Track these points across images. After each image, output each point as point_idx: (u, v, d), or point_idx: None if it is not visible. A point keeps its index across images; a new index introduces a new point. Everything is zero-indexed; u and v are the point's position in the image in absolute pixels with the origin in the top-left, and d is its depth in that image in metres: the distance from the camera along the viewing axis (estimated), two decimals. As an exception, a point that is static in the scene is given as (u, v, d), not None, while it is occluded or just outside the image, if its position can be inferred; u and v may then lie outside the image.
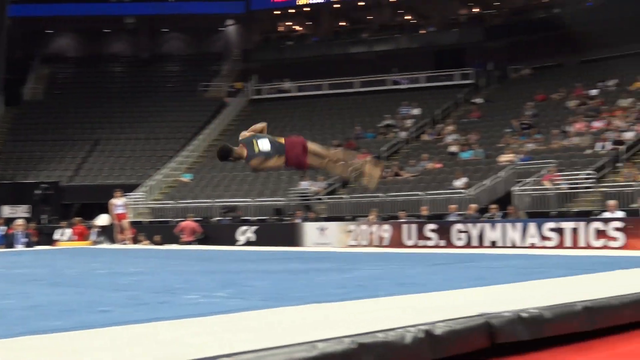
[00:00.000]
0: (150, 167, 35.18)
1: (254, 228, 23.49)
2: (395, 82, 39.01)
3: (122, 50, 46.96)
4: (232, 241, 22.69)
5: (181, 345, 3.01)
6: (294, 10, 46.46)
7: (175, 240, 23.67)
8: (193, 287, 5.96)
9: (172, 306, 4.58)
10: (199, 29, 46.02)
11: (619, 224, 16.79)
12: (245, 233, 23.30)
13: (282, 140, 8.49)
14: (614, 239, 16.46)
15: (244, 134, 8.58)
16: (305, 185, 28.64)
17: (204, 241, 23.66)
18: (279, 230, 23.87)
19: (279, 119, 38.37)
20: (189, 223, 24.51)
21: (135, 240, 22.97)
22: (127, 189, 26.68)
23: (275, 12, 46.76)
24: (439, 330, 3.44)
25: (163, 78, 44.84)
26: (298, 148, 8.41)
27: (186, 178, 33.27)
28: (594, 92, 30.99)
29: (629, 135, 25.11)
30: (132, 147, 37.51)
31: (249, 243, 22.53)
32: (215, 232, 25.05)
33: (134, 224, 23.07)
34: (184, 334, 3.29)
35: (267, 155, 8.24)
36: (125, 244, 21.04)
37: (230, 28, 47.15)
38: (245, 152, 8.29)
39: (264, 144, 8.30)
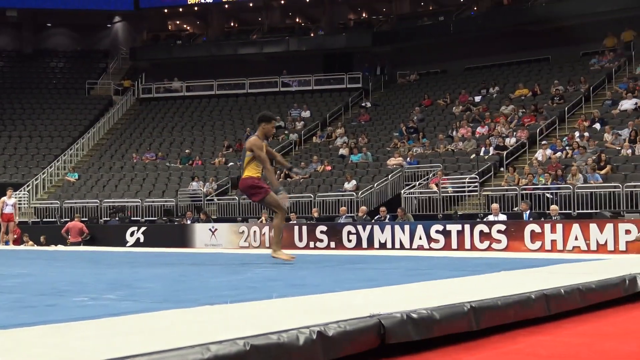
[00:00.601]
0: (35, 166, 34.13)
1: (143, 229, 23.11)
2: (285, 85, 39.15)
3: (4, 45, 45.36)
4: (121, 242, 22.26)
5: (69, 349, 2.92)
6: (183, 9, 45.98)
7: (62, 241, 23.07)
8: (81, 289, 5.80)
9: (59, 309, 4.44)
10: (85, 25, 44.92)
11: (501, 227, 17.33)
12: (134, 234, 22.90)
13: (246, 172, 9.04)
14: (497, 241, 16.98)
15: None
16: (195, 185, 28.38)
17: (92, 242, 23.15)
18: (168, 231, 23.58)
19: (168, 118, 37.99)
20: (75, 223, 23.92)
21: (20, 241, 22.26)
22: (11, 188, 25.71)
23: (164, 11, 46.18)
24: (331, 331, 3.46)
25: (47, 74, 43.59)
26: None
27: (72, 177, 32.43)
28: (477, 98, 31.92)
29: (510, 141, 25.95)
30: (14, 145, 36.28)
31: (138, 244, 22.14)
32: (103, 233, 24.55)
33: (18, 224, 22.33)
34: (73, 337, 3.20)
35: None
36: (7, 244, 20.34)
37: (118, 25, 46.26)
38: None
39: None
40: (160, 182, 30.60)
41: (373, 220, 20.32)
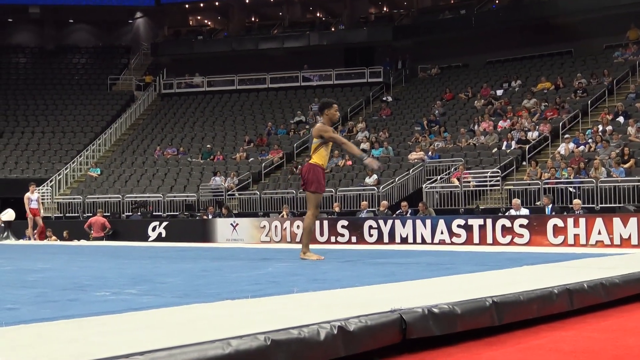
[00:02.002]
0: (58, 161, 34.36)
1: (164, 224, 23.21)
2: (306, 79, 39.14)
3: (26, 41, 45.67)
4: (143, 237, 22.37)
5: (91, 343, 2.93)
6: (204, 5, 46.07)
7: (85, 236, 23.22)
8: (103, 284, 5.83)
9: (81, 303, 4.46)
10: (107, 21, 45.15)
11: (524, 221, 17.24)
12: (156, 229, 23.00)
13: (314, 157, 8.90)
14: (519, 235, 16.89)
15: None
16: (217, 180, 28.45)
17: (114, 237, 23.28)
18: (190, 226, 23.65)
19: (189, 113, 38.11)
20: (98, 218, 24.05)
21: (44, 236, 22.43)
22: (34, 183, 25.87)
23: (185, 6, 46.30)
24: (352, 326, 3.45)
25: (70, 70, 43.86)
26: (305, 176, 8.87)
27: (94, 172, 32.62)
28: (499, 92, 31.76)
29: (533, 135, 25.79)
30: (38, 141, 36.54)
31: (159, 239, 22.24)
32: (125, 228, 24.68)
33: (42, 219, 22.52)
34: (94, 332, 3.21)
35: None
36: (34, 239, 20.52)
37: (140, 21, 46.43)
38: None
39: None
40: (182, 177, 30.70)
41: (394, 215, 20.27)
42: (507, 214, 18.74)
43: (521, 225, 17.10)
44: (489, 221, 17.41)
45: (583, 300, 5.19)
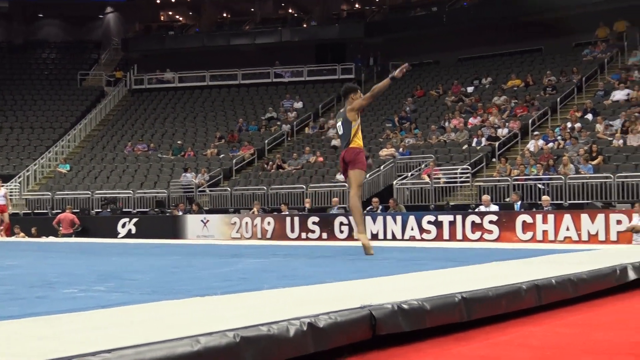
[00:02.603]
0: (26, 157, 34.03)
1: (134, 220, 23.07)
2: (278, 75, 39.09)
3: (-6, 36, 45.19)
4: (113, 234, 22.22)
5: (59, 341, 2.90)
6: (175, 0, 45.83)
7: (53, 232, 23.02)
8: (71, 281, 5.78)
9: (49, 301, 4.42)
10: (77, 16, 44.72)
11: (493, 218, 17.35)
12: (125, 225, 22.85)
13: (355, 141, 8.73)
14: (489, 231, 17.00)
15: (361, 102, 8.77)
16: (187, 177, 28.33)
17: (83, 233, 23.11)
18: (160, 223, 23.54)
19: (160, 109, 37.92)
20: (67, 215, 23.86)
21: (11, 233, 22.20)
22: (2, 179, 25.64)
23: (156, 1, 46.07)
24: (322, 322, 3.45)
25: (39, 65, 43.41)
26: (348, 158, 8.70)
27: (64, 169, 32.35)
28: (470, 89, 31.93)
29: (502, 132, 25.97)
30: (6, 136, 36.15)
31: (129, 235, 22.11)
32: (95, 225, 24.50)
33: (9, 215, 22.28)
34: (62, 329, 3.18)
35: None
36: (1, 236, 20.29)
37: (110, 16, 46.08)
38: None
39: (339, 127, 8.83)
40: (152, 173, 30.54)
41: (365, 211, 20.31)
42: (476, 210, 18.86)
43: (491, 222, 17.22)
44: (458, 217, 17.51)
45: (551, 296, 5.23)
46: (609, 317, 5.10)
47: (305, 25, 41.77)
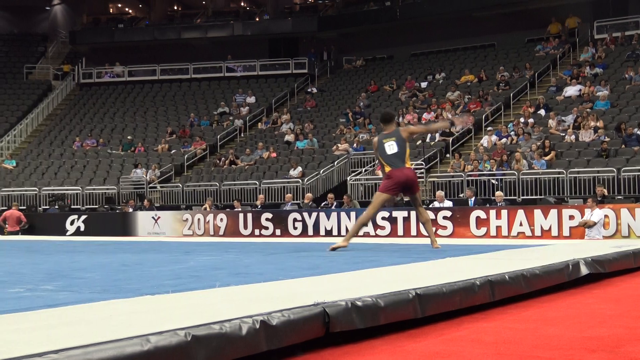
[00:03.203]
0: (-30, 153, 33.41)
1: (83, 217, 22.80)
2: (230, 70, 38.93)
3: (-64, 28, 44.22)
4: (61, 231, 21.93)
5: (5, 341, 2.86)
6: (125, -8, 45.36)
7: (-2, 230, 22.66)
8: (18, 280, 5.70)
9: (-6, 301, 4.35)
10: (23, 7, 43.96)
11: (447, 213, 17.49)
12: (74, 223, 22.57)
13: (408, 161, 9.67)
14: (443, 227, 17.12)
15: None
16: (138, 173, 28.08)
17: (30, 231, 22.77)
18: (110, 220, 23.29)
19: (109, 104, 37.53)
20: (13, 212, 23.48)
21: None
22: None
23: (106, -7, 45.49)
24: (274, 320, 3.45)
25: (-17, 58, 42.62)
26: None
27: (9, 165, 31.83)
28: (423, 84, 32.13)
29: (456, 128, 26.14)
30: (-51, 132, 35.46)
31: (78, 233, 21.85)
32: (42, 222, 24.14)
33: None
34: (8, 329, 3.13)
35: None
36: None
37: (57, 8, 45.41)
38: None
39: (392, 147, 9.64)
40: (102, 169, 30.21)
41: (319, 207, 20.34)
42: (430, 206, 18.99)
43: (445, 217, 17.35)
44: (412, 213, 17.59)
45: (504, 291, 5.30)
46: (561, 312, 5.17)
47: (257, 19, 41.65)
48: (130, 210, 23.50)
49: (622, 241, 12.02)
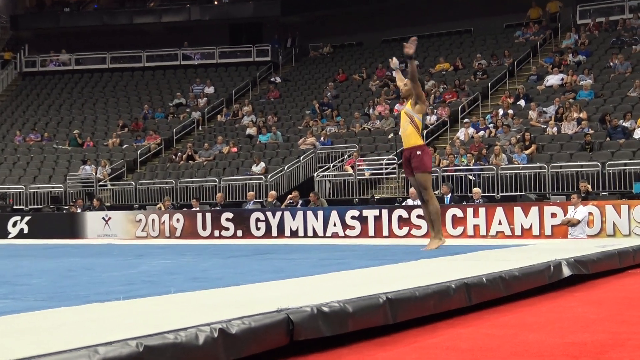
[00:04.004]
0: None
1: (27, 218, 22.59)
2: (187, 57, 38.76)
3: None
4: (2, 234, 21.73)
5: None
6: (72, -26, 44.95)
7: None
8: (-46, 287, 5.64)
9: None
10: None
11: (421, 212, 17.54)
12: (17, 224, 22.37)
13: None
14: (417, 227, 17.17)
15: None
16: (87, 170, 27.88)
17: (-33, 234, 22.51)
18: (56, 221, 23.10)
19: (55, 95, 37.23)
20: (-52, 214, 23.21)
21: None
22: None
23: (50, -25, 45.06)
24: (234, 328, 3.46)
25: None
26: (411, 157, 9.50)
27: (-55, 162, 31.45)
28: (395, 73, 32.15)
29: (431, 119, 26.28)
30: None
31: (21, 235, 21.66)
32: (-19, 224, 23.87)
33: None
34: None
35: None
36: None
37: (-3, -10, 44.92)
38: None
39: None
40: (47, 166, 29.95)
41: (283, 206, 20.34)
42: (404, 204, 19.06)
43: (419, 216, 17.40)
44: (384, 212, 17.66)
45: (482, 295, 5.34)
46: (541, 316, 5.23)
47: (216, 2, 41.49)
48: (79, 210, 23.34)
49: (607, 240, 12.16)
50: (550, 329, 4.65)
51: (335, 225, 18.03)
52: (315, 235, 17.99)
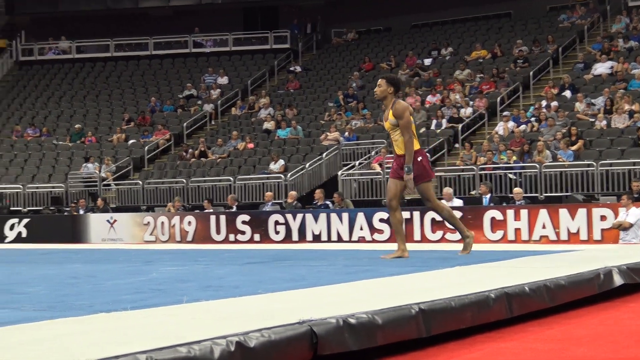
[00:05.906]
0: None
1: (25, 221, 22.76)
2: (198, 45, 38.84)
3: None
4: (-2, 237, 21.93)
5: None
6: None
7: None
8: (-53, 296, 5.69)
9: None
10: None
11: (457, 214, 17.47)
12: (14, 227, 22.54)
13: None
14: (452, 230, 17.09)
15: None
16: (89, 168, 28.02)
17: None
18: (57, 224, 23.27)
19: (55, 86, 37.42)
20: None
21: None
22: None
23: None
24: (252, 341, 3.46)
25: None
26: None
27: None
28: (427, 61, 32.13)
29: (466, 112, 26.21)
30: None
31: (19, 239, 21.82)
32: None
33: None
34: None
35: None
36: None
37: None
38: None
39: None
40: (46, 164, 30.13)
41: (305, 208, 20.35)
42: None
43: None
44: (416, 214, 17.63)
45: (524, 306, 5.31)
46: (591, 329, 5.20)
47: (230, -16, 41.59)
48: (81, 212, 23.48)
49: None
50: (600, 343, 4.63)
51: (361, 228, 18.04)
52: (340, 239, 17.99)
